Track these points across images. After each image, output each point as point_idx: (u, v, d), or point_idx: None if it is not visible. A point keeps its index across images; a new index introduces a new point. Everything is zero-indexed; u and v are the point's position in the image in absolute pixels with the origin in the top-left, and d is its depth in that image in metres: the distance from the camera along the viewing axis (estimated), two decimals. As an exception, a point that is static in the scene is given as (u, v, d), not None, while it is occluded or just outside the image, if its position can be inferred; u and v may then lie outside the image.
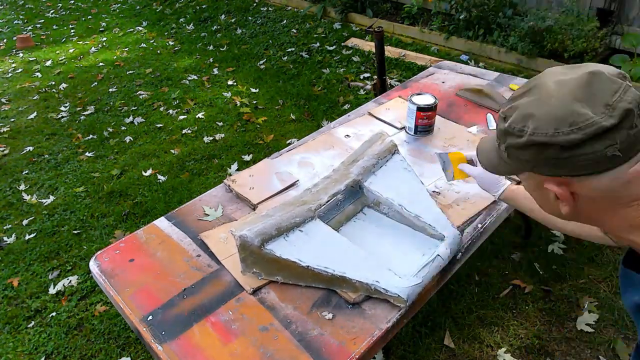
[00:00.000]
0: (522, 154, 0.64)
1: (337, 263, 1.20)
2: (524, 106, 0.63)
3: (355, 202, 1.44)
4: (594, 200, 0.62)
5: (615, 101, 0.57)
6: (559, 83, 0.61)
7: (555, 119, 0.59)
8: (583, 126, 0.57)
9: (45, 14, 6.86)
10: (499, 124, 0.69)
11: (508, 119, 0.65)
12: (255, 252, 1.21)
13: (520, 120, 0.63)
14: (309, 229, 1.28)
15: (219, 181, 2.72)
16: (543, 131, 0.60)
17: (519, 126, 0.63)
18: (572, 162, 0.59)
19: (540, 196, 0.70)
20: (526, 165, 0.65)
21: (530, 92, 0.64)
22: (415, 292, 1.17)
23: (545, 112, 0.60)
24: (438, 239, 1.30)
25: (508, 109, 0.66)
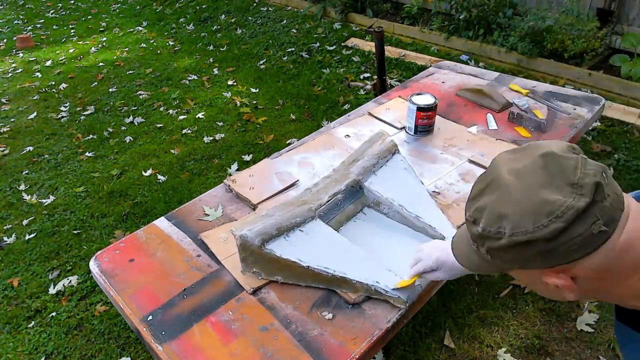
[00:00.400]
0: (507, 255, 0.61)
1: (338, 263, 1.20)
2: (491, 206, 0.60)
3: (356, 202, 1.44)
4: (595, 279, 0.60)
5: (580, 178, 0.56)
6: (514, 173, 0.60)
7: (531, 214, 0.56)
8: (560, 213, 0.55)
9: (45, 14, 6.86)
10: (469, 227, 0.65)
11: (479, 222, 0.62)
12: (255, 252, 1.21)
13: (493, 223, 0.60)
14: (309, 229, 1.28)
15: (219, 181, 2.72)
16: (522, 229, 0.57)
17: (494, 229, 0.60)
18: (562, 250, 0.56)
19: (541, 288, 0.67)
20: (514, 263, 0.62)
21: (489, 189, 0.62)
22: (415, 292, 1.17)
23: (516, 209, 0.57)
24: (438, 239, 1.30)
25: (474, 212, 0.63)
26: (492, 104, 1.95)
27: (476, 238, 0.64)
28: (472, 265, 0.71)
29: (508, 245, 0.58)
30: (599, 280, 0.60)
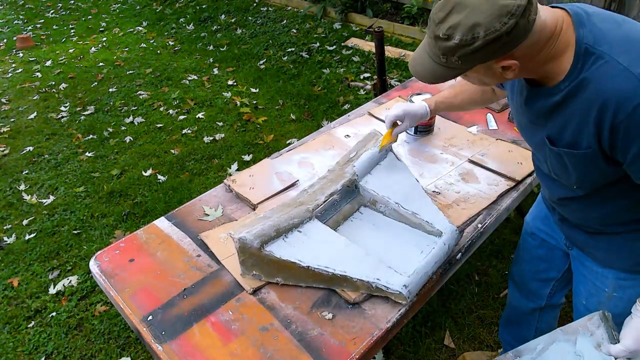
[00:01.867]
0: (477, 54, 0.82)
1: (337, 262, 1.20)
2: (464, 20, 0.80)
3: (352, 202, 1.45)
4: (526, 56, 0.84)
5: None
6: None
7: (498, 17, 0.78)
8: (514, 11, 0.77)
9: (45, 14, 6.86)
10: (442, 44, 0.83)
11: (454, 36, 0.81)
12: (255, 254, 1.21)
13: (468, 32, 0.80)
14: (307, 230, 1.28)
15: (219, 181, 2.72)
16: (492, 29, 0.78)
17: (470, 36, 0.80)
18: (514, 39, 0.80)
19: (486, 76, 0.91)
20: (479, 61, 0.84)
21: (456, 9, 0.81)
22: (416, 288, 1.17)
23: (485, 16, 0.78)
24: (435, 235, 1.30)
25: (448, 30, 0.81)
26: (492, 104, 1.95)
27: (449, 50, 0.83)
28: (434, 77, 0.92)
29: (482, 45, 0.80)
30: (527, 57, 0.85)
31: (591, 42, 0.83)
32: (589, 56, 0.83)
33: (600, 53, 0.82)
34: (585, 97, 0.84)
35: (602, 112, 0.82)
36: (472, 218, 1.42)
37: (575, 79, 0.85)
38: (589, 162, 0.91)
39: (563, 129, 0.92)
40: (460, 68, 0.87)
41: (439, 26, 0.83)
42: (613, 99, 0.80)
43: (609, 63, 0.81)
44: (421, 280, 1.18)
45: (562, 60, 0.86)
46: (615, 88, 0.80)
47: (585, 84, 0.84)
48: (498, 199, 1.48)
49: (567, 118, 0.89)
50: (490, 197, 1.48)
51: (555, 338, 1.08)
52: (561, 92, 0.88)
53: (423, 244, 1.29)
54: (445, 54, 0.84)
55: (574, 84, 0.85)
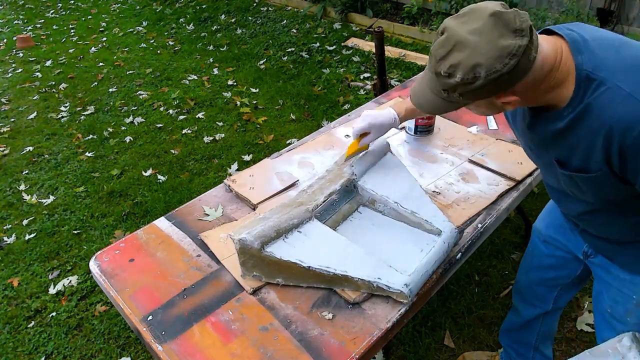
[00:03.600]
0: (478, 92, 0.84)
1: (338, 262, 1.20)
2: (465, 60, 0.81)
3: (351, 202, 1.45)
4: (529, 89, 0.86)
5: (519, 25, 0.80)
6: (475, 33, 0.81)
7: (499, 57, 0.79)
8: (515, 51, 0.79)
9: (45, 14, 6.86)
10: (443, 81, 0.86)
11: (456, 75, 0.83)
12: (255, 255, 1.20)
13: (470, 71, 0.81)
14: (307, 230, 1.28)
15: (219, 181, 2.72)
16: (494, 70, 0.80)
17: (471, 76, 0.81)
18: (515, 77, 0.82)
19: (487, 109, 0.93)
20: (479, 97, 0.86)
21: (457, 48, 0.82)
22: (417, 287, 1.17)
23: (487, 57, 0.79)
24: (435, 234, 1.30)
25: (449, 68, 0.83)
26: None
27: (450, 87, 0.85)
28: (437, 110, 0.95)
29: (483, 84, 0.82)
30: (528, 91, 0.86)
31: (591, 68, 0.83)
32: (590, 82, 0.83)
33: (602, 79, 0.82)
34: (591, 124, 0.85)
35: (609, 138, 0.82)
36: (472, 218, 1.42)
37: (578, 105, 0.86)
38: (602, 183, 0.92)
39: (570, 154, 0.93)
40: (461, 102, 0.90)
41: (440, 63, 0.85)
42: (619, 125, 0.80)
43: (611, 89, 0.81)
44: (422, 279, 1.18)
45: (563, 88, 0.87)
46: (620, 114, 0.80)
47: (590, 111, 0.84)
48: (498, 199, 1.48)
49: (574, 144, 0.90)
50: (490, 197, 1.48)
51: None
52: (565, 118, 0.88)
53: (423, 243, 1.29)
54: (446, 89, 0.87)
55: (577, 110, 0.86)
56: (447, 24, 0.86)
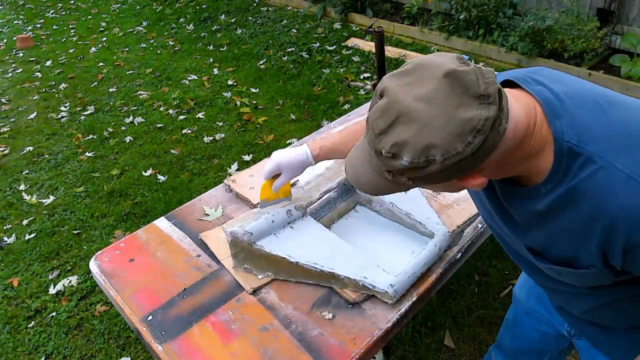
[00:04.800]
0: (434, 176, 0.64)
1: (326, 259, 1.21)
2: (414, 140, 0.60)
3: (348, 200, 1.45)
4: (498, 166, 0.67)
5: (484, 89, 0.60)
6: (425, 101, 0.60)
7: (459, 135, 0.59)
8: (480, 127, 0.59)
9: (45, 14, 6.86)
10: (387, 162, 0.64)
11: (401, 156, 0.62)
12: (245, 248, 1.22)
13: (421, 154, 0.60)
14: (299, 226, 1.29)
15: (219, 181, 2.72)
16: (453, 152, 0.59)
17: (423, 159, 0.61)
18: (480, 156, 0.62)
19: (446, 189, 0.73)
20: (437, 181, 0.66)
21: (402, 120, 0.61)
22: (403, 288, 1.17)
23: (443, 135, 0.59)
24: (428, 236, 1.31)
25: (392, 147, 0.62)
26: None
27: (397, 170, 0.64)
28: (378, 189, 0.73)
29: (440, 170, 0.61)
30: (499, 165, 0.67)
31: (574, 139, 0.65)
32: (574, 157, 0.65)
33: (590, 155, 0.64)
34: (580, 214, 0.67)
35: (609, 233, 0.65)
36: (472, 218, 1.42)
37: (560, 183, 0.68)
38: (591, 277, 0.75)
39: (550, 244, 0.75)
40: (410, 186, 0.69)
41: (380, 139, 0.63)
42: (623, 218, 0.63)
43: (606, 170, 0.64)
44: (409, 281, 1.19)
45: (540, 159, 0.68)
46: (622, 205, 0.63)
47: (577, 197, 0.66)
48: (498, 199, 1.48)
49: (555, 233, 0.73)
50: (490, 197, 1.48)
51: None
52: (544, 197, 0.70)
53: (415, 245, 1.30)
54: (391, 171, 0.66)
55: (561, 191, 0.68)
56: (386, 85, 0.64)
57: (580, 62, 3.61)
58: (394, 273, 1.18)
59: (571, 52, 3.55)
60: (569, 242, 0.72)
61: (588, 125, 0.66)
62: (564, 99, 0.68)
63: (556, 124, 0.67)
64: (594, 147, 0.65)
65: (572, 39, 3.54)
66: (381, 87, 0.65)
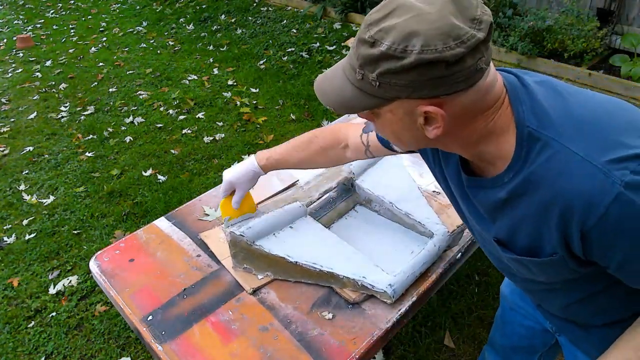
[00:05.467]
0: (402, 77, 0.60)
1: (325, 259, 1.21)
2: (402, 25, 0.59)
3: (348, 200, 1.45)
4: (458, 117, 0.65)
5: (480, 15, 0.60)
6: (426, 1, 0.61)
7: (442, 34, 0.58)
8: (465, 39, 0.58)
9: (45, 14, 6.86)
10: (363, 51, 0.63)
11: (381, 42, 0.60)
12: (245, 248, 1.22)
13: (402, 40, 0.59)
14: (298, 226, 1.29)
15: (219, 181, 2.72)
16: (432, 47, 0.58)
17: (401, 47, 0.59)
18: (451, 79, 0.60)
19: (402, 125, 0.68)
20: (402, 91, 0.62)
21: (397, 12, 0.61)
22: (402, 288, 1.17)
23: (429, 27, 0.58)
24: (427, 236, 1.31)
25: (377, 32, 0.61)
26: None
27: (371, 61, 0.62)
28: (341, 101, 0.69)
29: (412, 64, 0.59)
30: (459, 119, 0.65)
31: (534, 124, 0.66)
32: (533, 142, 0.66)
33: (547, 139, 0.65)
34: (538, 198, 0.67)
35: (565, 218, 0.65)
36: (472, 218, 1.42)
37: (520, 170, 0.68)
38: (557, 266, 0.74)
39: (514, 232, 0.74)
40: (375, 95, 0.65)
41: (368, 28, 0.63)
42: (577, 201, 0.63)
43: (560, 154, 0.64)
44: (408, 280, 1.19)
45: (501, 141, 0.68)
46: (576, 187, 0.63)
47: (535, 181, 0.67)
48: (498, 199, 1.48)
49: (518, 221, 0.72)
50: (490, 197, 1.48)
51: None
52: (506, 185, 0.70)
53: (414, 245, 1.30)
54: (364, 65, 0.63)
55: (520, 178, 0.68)
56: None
57: (580, 62, 3.61)
58: (393, 273, 1.18)
59: (571, 52, 3.55)
60: (531, 229, 0.71)
61: (547, 110, 0.67)
62: (529, 84, 0.69)
63: (518, 109, 0.67)
64: (551, 131, 0.65)
65: (572, 39, 3.54)
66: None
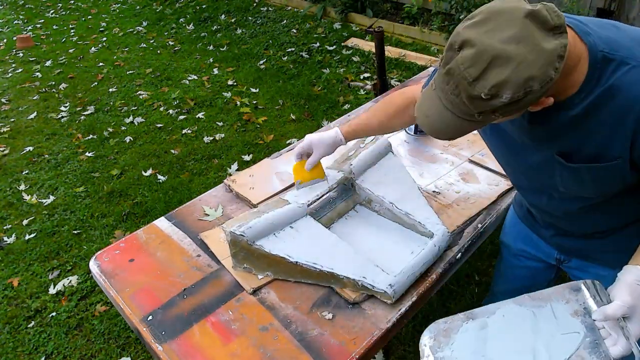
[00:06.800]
0: (525, 104, 0.73)
1: (326, 259, 1.21)
2: (514, 76, 0.69)
3: (347, 200, 1.45)
4: (559, 85, 0.76)
5: (555, 21, 0.70)
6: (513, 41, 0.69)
7: (550, 64, 0.69)
8: (562, 53, 0.70)
9: (45, 14, 6.86)
10: (481, 103, 0.72)
11: (502, 95, 0.70)
12: (245, 248, 1.22)
13: (521, 88, 0.69)
14: (298, 226, 1.29)
15: (219, 181, 2.72)
16: (548, 79, 0.70)
17: (522, 92, 0.70)
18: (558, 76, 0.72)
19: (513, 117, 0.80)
20: (522, 108, 0.75)
21: (494, 65, 0.69)
22: (402, 288, 1.17)
23: (538, 67, 0.69)
24: (427, 236, 1.30)
25: (491, 89, 0.70)
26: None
27: (492, 108, 0.72)
28: (462, 133, 0.81)
29: (536, 97, 0.71)
30: (561, 84, 0.77)
31: (607, 49, 0.78)
32: (608, 63, 0.78)
33: (622, 58, 0.77)
34: (616, 106, 0.79)
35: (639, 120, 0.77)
36: (472, 218, 1.42)
37: (594, 88, 0.79)
38: (613, 173, 0.86)
39: (584, 142, 0.86)
40: (493, 119, 0.78)
41: (475, 85, 0.70)
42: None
43: (636, 68, 0.76)
44: (408, 281, 1.19)
45: (572, 74, 0.79)
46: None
47: (614, 92, 0.78)
48: (498, 199, 1.48)
49: (591, 130, 0.83)
50: (490, 197, 1.48)
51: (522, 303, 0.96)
52: (577, 105, 0.82)
53: (414, 245, 1.30)
54: (484, 112, 0.74)
55: (596, 94, 0.79)
56: (468, 36, 0.71)
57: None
58: (393, 273, 1.18)
59: (571, 52, 3.55)
60: (602, 137, 0.82)
61: (612, 37, 0.79)
62: (586, 23, 0.81)
63: (589, 39, 0.78)
64: (624, 52, 0.77)
65: (572, 39, 3.54)
66: (460, 39, 0.72)
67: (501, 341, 0.92)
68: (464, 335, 0.97)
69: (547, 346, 0.88)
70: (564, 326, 0.89)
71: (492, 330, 0.95)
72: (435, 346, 0.96)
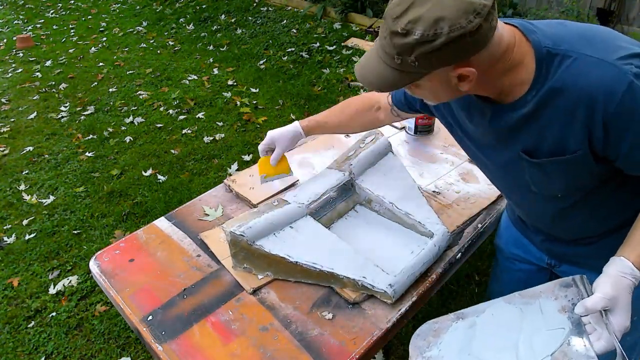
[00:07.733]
0: (436, 54, 0.75)
1: (326, 259, 1.21)
2: (427, 14, 0.73)
3: (347, 200, 1.45)
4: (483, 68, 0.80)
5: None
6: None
7: (463, 12, 0.72)
8: (480, 10, 0.72)
9: (45, 14, 6.86)
10: (398, 41, 0.76)
11: (413, 32, 0.74)
12: (245, 248, 1.22)
13: (431, 27, 0.73)
14: (298, 226, 1.29)
15: (219, 181, 2.72)
16: (457, 25, 0.72)
17: (432, 32, 0.73)
18: (475, 44, 0.75)
19: (441, 88, 0.84)
20: (437, 64, 0.77)
21: (417, 3, 0.74)
22: (402, 288, 1.17)
23: (451, 11, 0.72)
24: (427, 236, 1.30)
25: (407, 24, 0.74)
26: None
27: (407, 48, 0.76)
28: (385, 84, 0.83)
29: (444, 43, 0.73)
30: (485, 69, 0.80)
31: (550, 44, 0.81)
32: (552, 58, 0.80)
33: (564, 52, 0.80)
34: (566, 99, 0.80)
35: (591, 110, 0.78)
36: (472, 218, 1.42)
37: (543, 84, 0.82)
38: (577, 166, 0.87)
39: (542, 138, 0.87)
40: (415, 72, 0.80)
41: (396, 21, 0.76)
42: (599, 92, 0.76)
43: (579, 60, 0.78)
44: (408, 280, 1.19)
45: (520, 71, 0.82)
46: (597, 81, 0.76)
47: (560, 87, 0.80)
48: (498, 199, 1.48)
49: (544, 126, 0.85)
50: (490, 197, 1.48)
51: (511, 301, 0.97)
52: (530, 102, 0.84)
53: (414, 245, 1.30)
54: (402, 53, 0.77)
55: (544, 90, 0.82)
56: None
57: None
58: (393, 273, 1.18)
59: (571, 52, 3.55)
60: (557, 131, 0.84)
61: (557, 33, 0.82)
62: (534, 23, 0.85)
63: (533, 37, 0.82)
64: (566, 45, 0.80)
65: (572, 39, 3.53)
66: None
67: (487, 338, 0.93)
68: (453, 334, 0.98)
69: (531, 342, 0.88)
70: (550, 322, 0.89)
71: (480, 329, 0.96)
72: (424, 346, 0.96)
